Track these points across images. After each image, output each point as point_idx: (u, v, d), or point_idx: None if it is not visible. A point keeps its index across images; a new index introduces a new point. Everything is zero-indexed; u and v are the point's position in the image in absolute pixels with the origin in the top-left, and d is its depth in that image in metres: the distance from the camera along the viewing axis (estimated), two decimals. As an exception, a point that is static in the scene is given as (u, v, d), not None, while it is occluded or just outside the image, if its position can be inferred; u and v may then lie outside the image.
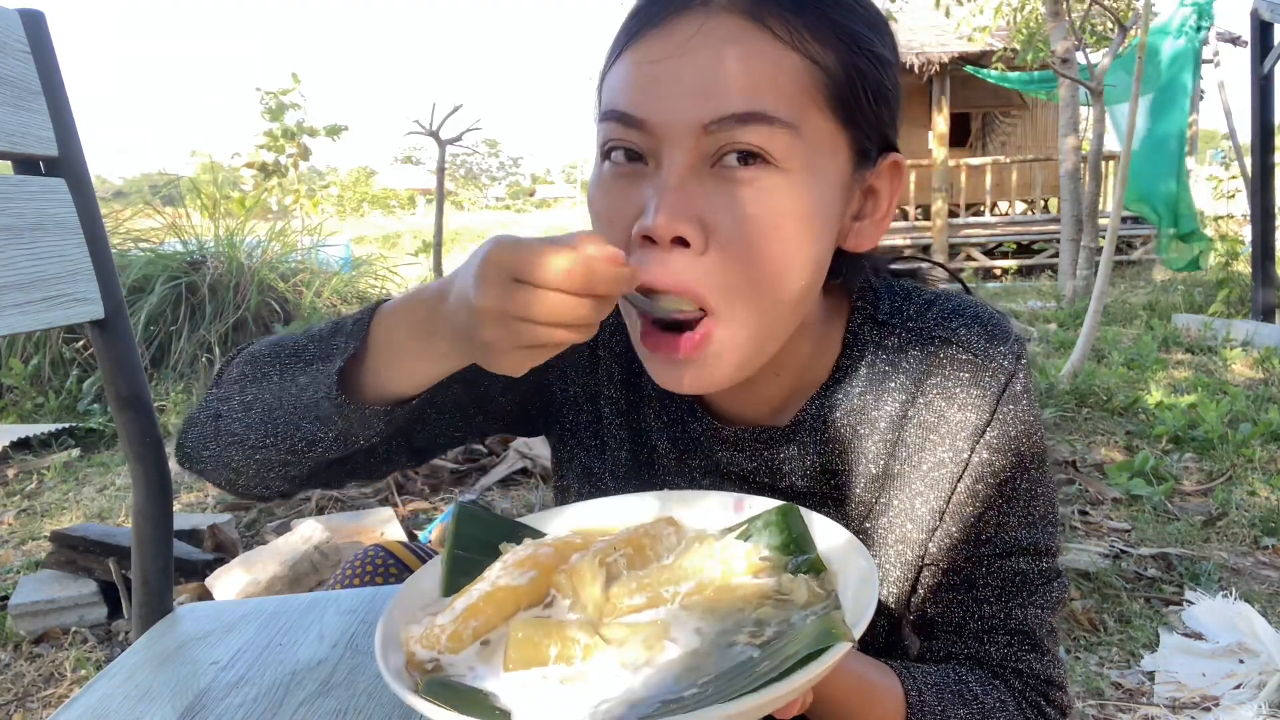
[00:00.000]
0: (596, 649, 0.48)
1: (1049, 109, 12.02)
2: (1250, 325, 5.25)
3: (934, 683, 0.65)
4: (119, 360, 0.78)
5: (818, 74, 0.56)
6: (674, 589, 0.52)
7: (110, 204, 5.95)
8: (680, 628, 0.49)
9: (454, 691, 0.46)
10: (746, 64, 0.54)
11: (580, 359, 0.77)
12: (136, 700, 0.59)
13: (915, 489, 0.69)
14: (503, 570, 0.54)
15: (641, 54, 0.57)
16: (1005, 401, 0.67)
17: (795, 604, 0.50)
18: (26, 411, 4.29)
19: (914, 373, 0.68)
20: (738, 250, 0.55)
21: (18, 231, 0.70)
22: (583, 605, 0.51)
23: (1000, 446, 0.67)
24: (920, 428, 0.68)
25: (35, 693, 1.90)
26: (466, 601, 0.52)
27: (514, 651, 0.48)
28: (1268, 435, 3.25)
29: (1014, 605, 0.68)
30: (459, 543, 0.60)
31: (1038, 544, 0.68)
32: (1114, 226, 3.98)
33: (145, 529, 0.78)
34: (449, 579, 0.57)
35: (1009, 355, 0.67)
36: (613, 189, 0.59)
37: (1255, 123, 5.66)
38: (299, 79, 7.53)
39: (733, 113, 0.53)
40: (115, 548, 2.20)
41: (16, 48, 0.71)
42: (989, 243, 10.60)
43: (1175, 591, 2.18)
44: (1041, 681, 0.68)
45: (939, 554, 0.70)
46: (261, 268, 5.34)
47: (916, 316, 0.69)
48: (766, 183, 0.55)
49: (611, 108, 0.58)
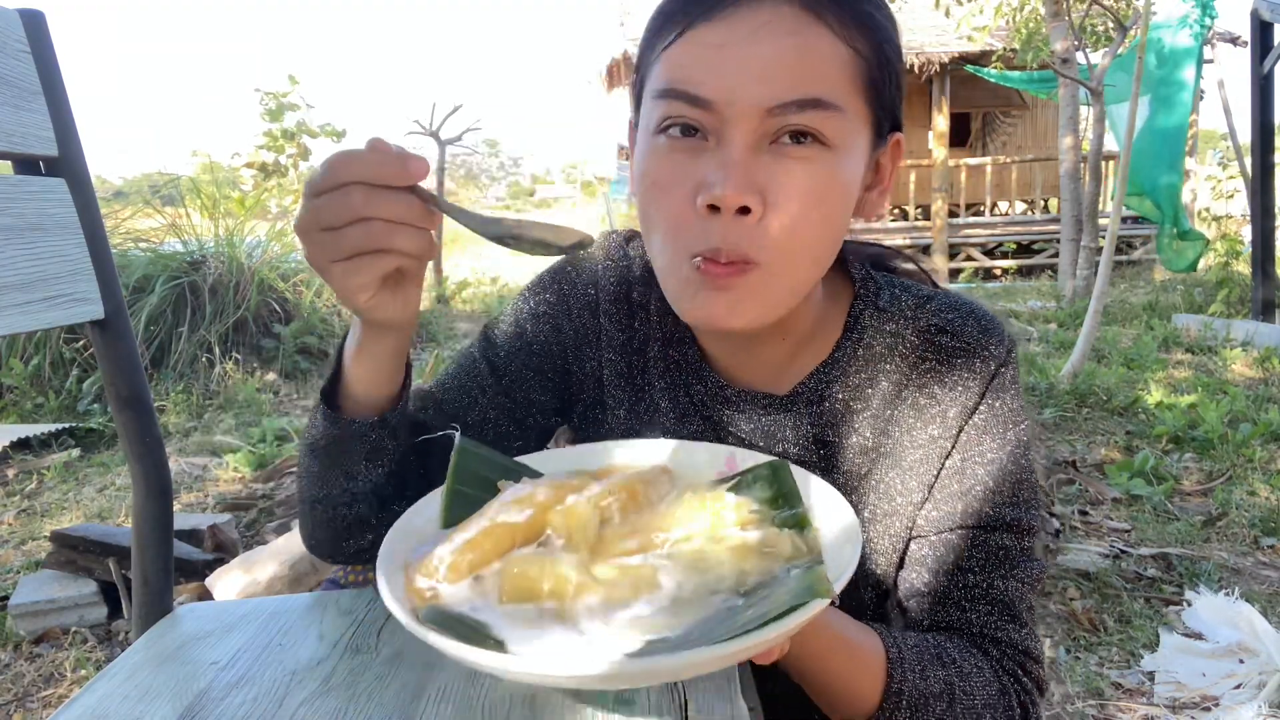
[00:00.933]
0: (587, 588, 0.49)
1: (1049, 109, 12.02)
2: (1250, 325, 5.25)
3: (914, 645, 0.67)
4: (119, 360, 0.78)
5: (859, 63, 0.62)
6: (665, 536, 0.54)
7: (110, 204, 5.94)
8: (668, 574, 0.51)
9: (451, 620, 0.48)
10: (805, 54, 0.60)
11: (590, 333, 0.81)
12: (136, 700, 0.59)
13: (905, 464, 0.73)
14: (501, 507, 0.56)
15: (708, 37, 0.61)
16: (994, 388, 0.72)
17: (779, 557, 0.52)
18: (26, 411, 4.29)
19: (910, 357, 0.73)
20: (789, 218, 0.62)
21: (18, 231, 0.70)
22: (576, 546, 0.53)
23: (987, 428, 0.72)
24: (912, 407, 0.73)
25: (35, 693, 1.90)
26: (465, 535, 0.53)
27: (509, 585, 0.50)
28: (1268, 435, 3.25)
29: (996, 577, 0.71)
30: (459, 478, 0.61)
31: (1020, 521, 0.72)
32: (1114, 226, 3.98)
33: (145, 529, 0.78)
34: (448, 512, 0.59)
35: (1000, 347, 0.72)
36: (672, 160, 0.63)
37: (1255, 123, 5.66)
38: (297, 80, 7.53)
39: (794, 99, 0.59)
40: (115, 548, 2.20)
41: (16, 48, 0.71)
42: (989, 243, 10.59)
43: (1175, 591, 2.18)
44: (1019, 652, 0.71)
45: (926, 527, 0.73)
46: (261, 268, 5.34)
47: (915, 307, 0.74)
48: (817, 159, 0.61)
49: (677, 87, 0.62)
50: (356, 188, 0.52)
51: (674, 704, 0.54)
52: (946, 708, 0.66)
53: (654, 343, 0.79)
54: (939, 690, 0.66)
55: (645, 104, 0.66)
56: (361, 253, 0.54)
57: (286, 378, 5.01)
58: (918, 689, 0.65)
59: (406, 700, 0.57)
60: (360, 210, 0.52)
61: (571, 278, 0.82)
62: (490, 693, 0.57)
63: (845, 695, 0.65)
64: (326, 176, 0.53)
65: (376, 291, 0.57)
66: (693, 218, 0.62)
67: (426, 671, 0.60)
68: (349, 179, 0.52)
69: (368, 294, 0.56)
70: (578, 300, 0.81)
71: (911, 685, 0.65)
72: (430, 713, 0.55)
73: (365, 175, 0.52)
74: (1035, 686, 0.71)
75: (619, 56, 11.09)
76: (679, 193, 0.63)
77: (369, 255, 0.54)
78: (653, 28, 0.66)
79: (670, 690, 0.56)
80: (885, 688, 0.64)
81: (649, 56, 0.66)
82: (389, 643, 0.65)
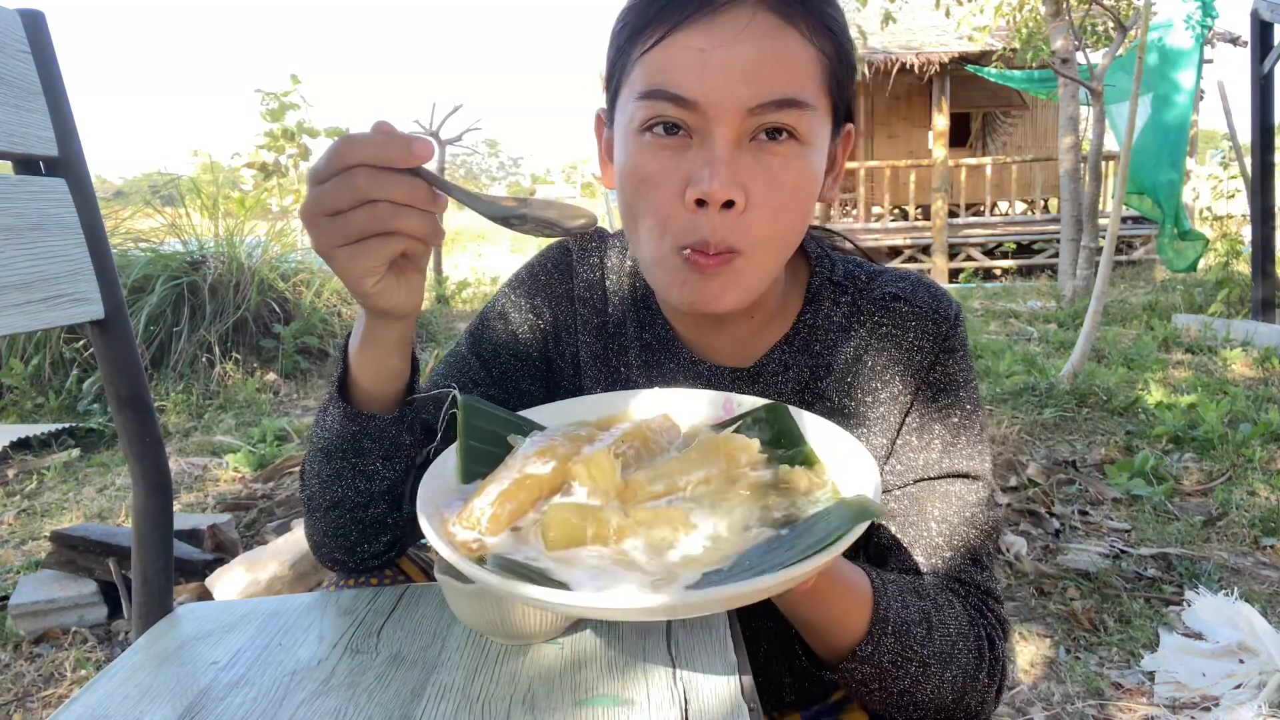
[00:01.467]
0: (629, 530, 0.52)
1: (1049, 109, 12.02)
2: (1250, 325, 5.25)
3: (893, 579, 0.71)
4: (119, 360, 0.78)
5: (825, 63, 0.67)
6: (687, 478, 0.57)
7: (110, 204, 5.94)
8: (698, 513, 0.54)
9: (516, 566, 0.49)
10: (782, 57, 0.64)
11: (567, 320, 0.85)
12: (136, 700, 0.59)
13: (870, 422, 0.78)
14: (525, 459, 0.58)
15: (691, 40, 0.64)
16: (946, 348, 0.77)
17: (797, 491, 0.56)
18: (26, 411, 4.29)
19: (867, 323, 0.78)
20: (769, 210, 0.66)
21: (18, 231, 0.70)
22: (604, 493, 0.55)
23: (942, 385, 0.77)
24: (871, 370, 0.78)
25: (35, 693, 1.90)
26: (499, 487, 0.55)
27: (554, 532, 0.51)
28: (1268, 435, 3.25)
29: (959, 524, 0.76)
30: (470, 433, 0.63)
31: (974, 470, 0.77)
32: (1114, 226, 3.98)
33: (145, 529, 0.78)
34: (465, 467, 0.61)
35: (949, 309, 0.78)
36: (658, 157, 0.67)
37: (1255, 123, 5.66)
38: (298, 80, 7.53)
39: (773, 99, 0.63)
40: (115, 548, 2.20)
41: (16, 48, 0.71)
42: (989, 243, 10.59)
43: (1175, 591, 2.18)
44: (982, 592, 0.76)
45: (893, 480, 0.78)
46: (261, 268, 5.33)
47: (867, 279, 0.80)
48: (792, 154, 0.66)
49: (662, 88, 0.65)
50: (361, 170, 0.52)
51: (674, 703, 0.54)
52: (925, 634, 0.69)
53: (629, 325, 0.83)
54: (918, 618, 0.69)
55: (624, 104, 0.69)
56: (367, 235, 0.54)
57: (286, 378, 5.02)
58: (900, 617, 0.68)
59: (406, 700, 0.57)
60: (366, 192, 0.52)
61: (548, 269, 0.86)
62: (490, 692, 0.57)
63: (835, 626, 0.67)
64: (331, 161, 0.53)
65: (383, 276, 0.58)
66: (680, 211, 0.66)
67: (426, 671, 0.60)
68: (354, 162, 0.53)
69: (374, 278, 0.57)
70: (555, 290, 0.86)
71: (895, 613, 0.68)
72: (430, 712, 0.55)
73: (370, 158, 0.53)
74: (998, 623, 0.75)
75: (619, 56, 11.06)
76: (666, 188, 0.66)
77: (376, 238, 0.54)
78: (629, 31, 0.68)
79: (670, 687, 0.56)
80: (872, 616, 0.67)
81: (625, 58, 0.69)
82: (389, 643, 0.65)
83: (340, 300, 5.79)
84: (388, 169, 0.53)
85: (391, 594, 0.73)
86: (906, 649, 0.68)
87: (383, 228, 0.54)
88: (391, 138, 0.53)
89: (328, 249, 0.55)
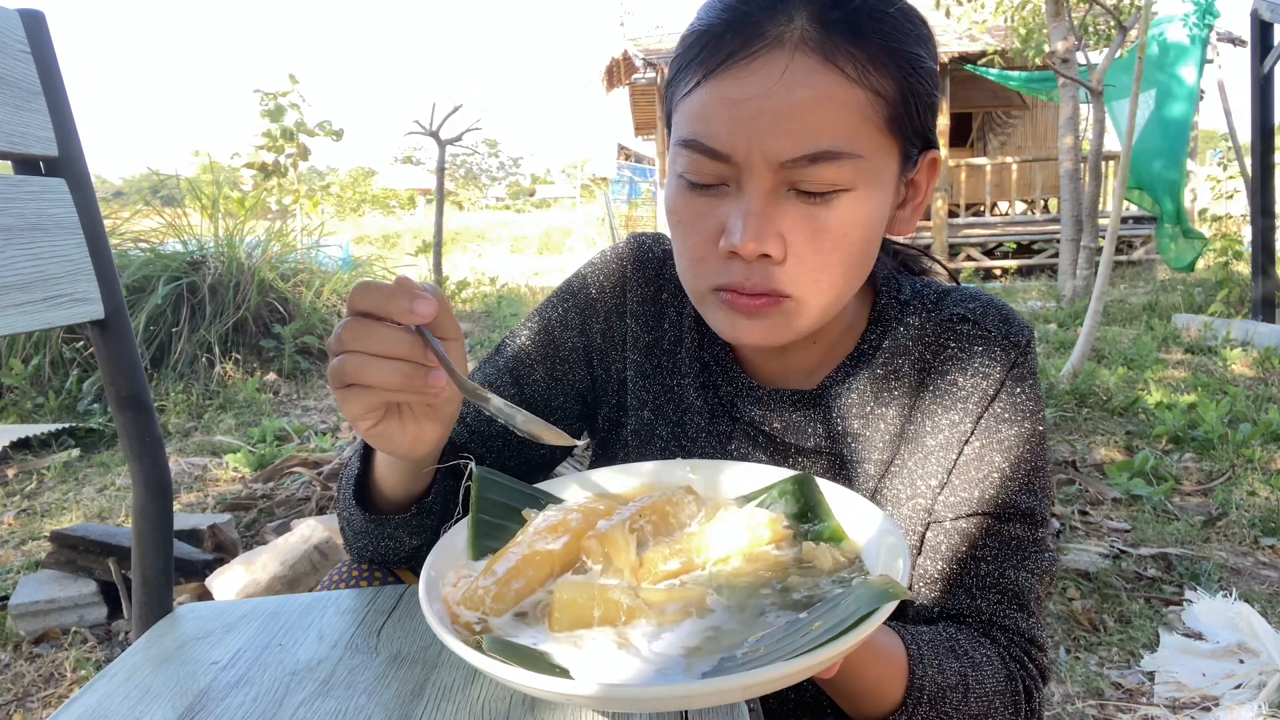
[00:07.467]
0: (639, 611, 0.49)
1: (1049, 109, 12.01)
2: (1249, 325, 5.25)
3: (929, 639, 0.69)
4: (119, 360, 0.78)
5: (879, 104, 0.62)
6: (704, 555, 0.55)
7: (110, 204, 5.94)
8: (714, 593, 0.51)
9: (514, 649, 0.47)
10: (819, 106, 0.60)
11: (617, 336, 0.83)
12: (136, 700, 0.59)
13: (927, 448, 0.74)
14: (536, 535, 0.55)
15: (725, 90, 0.62)
16: (1014, 376, 0.73)
17: (821, 570, 0.53)
18: (26, 411, 4.29)
19: (932, 345, 0.75)
20: (813, 259, 0.64)
21: (18, 231, 0.70)
22: (617, 570, 0.53)
23: (1006, 416, 0.73)
24: (935, 394, 0.74)
25: (35, 693, 1.90)
26: (506, 564, 0.53)
27: (560, 613, 0.49)
28: (1268, 435, 3.25)
29: (1008, 566, 0.72)
30: (482, 507, 0.61)
31: (1034, 512, 0.73)
32: (1114, 226, 3.98)
33: (145, 529, 0.78)
34: (475, 543, 0.59)
35: (1020, 335, 0.74)
36: (695, 204, 0.66)
37: (1255, 123, 5.66)
38: (296, 80, 7.52)
39: (805, 154, 0.60)
40: (115, 548, 2.20)
41: (16, 48, 0.71)
42: (989, 243, 10.59)
43: (1175, 591, 2.18)
44: (1026, 640, 0.73)
45: (944, 512, 0.74)
46: (261, 268, 5.33)
47: (936, 300, 0.77)
48: (835, 201, 0.63)
49: (696, 139, 0.64)
50: (354, 319, 0.54)
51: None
52: (961, 698, 0.67)
53: (685, 343, 0.81)
54: (955, 682, 0.67)
55: (673, 135, 0.68)
56: (347, 384, 0.55)
57: (286, 378, 5.01)
58: (936, 683, 0.66)
59: (406, 700, 0.57)
60: (346, 342, 0.54)
61: (600, 282, 0.84)
62: (490, 693, 0.57)
63: (869, 694, 0.65)
64: (348, 304, 0.55)
65: (379, 421, 0.58)
66: (714, 255, 0.66)
67: (426, 671, 0.60)
68: (356, 309, 0.55)
69: (367, 424, 0.58)
70: (605, 304, 0.83)
71: (931, 680, 0.66)
72: (430, 712, 0.55)
73: (372, 307, 0.54)
74: (1039, 673, 0.73)
75: (619, 57, 11.09)
76: (702, 233, 0.66)
77: (355, 388, 0.55)
78: (676, 66, 0.68)
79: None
80: (908, 685, 0.65)
81: (673, 93, 0.68)
82: (389, 643, 0.65)
83: (340, 300, 5.79)
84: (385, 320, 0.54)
85: (391, 594, 0.73)
86: (942, 715, 0.66)
87: (353, 379, 0.54)
88: (398, 292, 0.54)
89: (332, 387, 0.57)
